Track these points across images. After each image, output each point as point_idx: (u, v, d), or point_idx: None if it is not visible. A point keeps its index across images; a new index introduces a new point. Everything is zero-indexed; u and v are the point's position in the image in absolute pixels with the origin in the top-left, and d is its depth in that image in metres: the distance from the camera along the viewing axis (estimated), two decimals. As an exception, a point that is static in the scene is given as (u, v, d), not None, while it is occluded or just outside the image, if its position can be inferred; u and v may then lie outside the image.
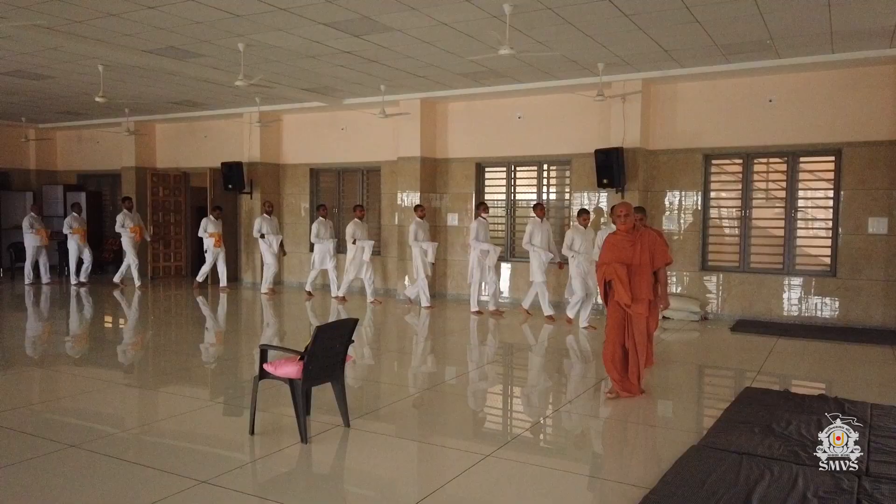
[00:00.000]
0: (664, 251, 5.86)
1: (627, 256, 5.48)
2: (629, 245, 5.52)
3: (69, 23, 7.23)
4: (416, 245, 10.55)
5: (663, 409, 5.59)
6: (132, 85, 10.68)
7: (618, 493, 3.87)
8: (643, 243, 5.51)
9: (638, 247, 5.51)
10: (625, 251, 5.51)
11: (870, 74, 8.68)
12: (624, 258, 5.48)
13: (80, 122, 14.91)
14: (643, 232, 5.62)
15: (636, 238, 5.55)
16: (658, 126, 9.97)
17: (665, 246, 5.98)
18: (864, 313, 8.87)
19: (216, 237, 12.38)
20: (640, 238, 5.55)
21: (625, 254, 5.49)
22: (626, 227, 5.57)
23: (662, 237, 6.25)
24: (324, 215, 11.59)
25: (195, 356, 7.80)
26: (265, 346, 4.74)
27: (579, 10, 6.64)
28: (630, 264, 5.48)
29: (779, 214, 9.52)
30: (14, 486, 3.79)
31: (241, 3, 6.55)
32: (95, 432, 4.69)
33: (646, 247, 5.49)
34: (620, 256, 5.49)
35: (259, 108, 12.26)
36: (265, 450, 4.45)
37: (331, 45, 8.09)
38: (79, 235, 12.86)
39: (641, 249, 5.48)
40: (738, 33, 7.46)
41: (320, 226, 11.48)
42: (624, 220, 5.58)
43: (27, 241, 13.08)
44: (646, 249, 5.48)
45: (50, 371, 6.73)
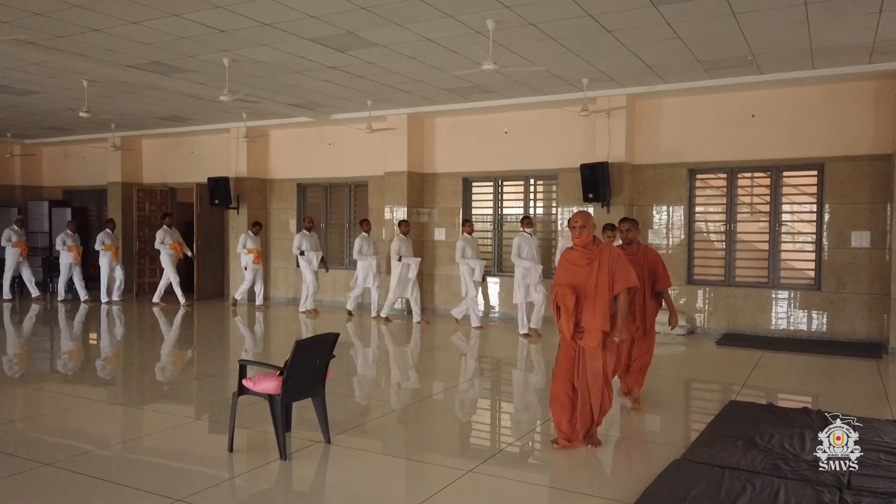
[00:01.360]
0: (665, 272, 5.70)
1: (580, 278, 4.59)
2: (584, 263, 4.63)
3: (52, 38, 7.21)
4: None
5: (647, 423, 5.56)
6: (117, 100, 10.65)
7: (599, 508, 3.83)
8: (602, 261, 4.56)
9: (595, 266, 4.58)
10: (578, 271, 4.62)
11: (851, 90, 8.79)
12: (575, 280, 4.60)
13: (66, 138, 14.85)
14: (603, 248, 4.66)
15: (594, 255, 4.62)
16: (643, 141, 10.03)
17: (664, 266, 5.77)
18: (849, 326, 8.91)
19: (255, 253, 11.99)
20: (600, 255, 4.60)
21: (577, 275, 4.61)
22: (582, 241, 4.65)
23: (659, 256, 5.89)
24: (367, 231, 10.96)
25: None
26: (244, 361, 4.68)
27: (562, 26, 6.69)
28: (581, 287, 4.57)
29: (763, 228, 9.58)
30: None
31: (226, 18, 6.56)
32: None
33: (605, 266, 4.54)
34: (572, 277, 4.63)
35: (246, 124, 12.25)
36: (244, 467, 4.39)
37: (316, 61, 8.11)
38: (111, 252, 12.57)
39: (600, 269, 4.55)
40: (719, 49, 7.54)
41: (363, 241, 10.85)
42: (579, 232, 4.65)
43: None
44: (605, 270, 4.53)
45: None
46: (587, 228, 4.66)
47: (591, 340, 4.58)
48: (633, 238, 5.68)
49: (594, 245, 4.69)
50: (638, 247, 5.71)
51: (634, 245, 5.69)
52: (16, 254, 12.86)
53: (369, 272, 10.91)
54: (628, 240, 5.69)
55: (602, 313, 4.52)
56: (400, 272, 10.46)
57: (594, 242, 4.69)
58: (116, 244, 12.91)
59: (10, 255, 12.91)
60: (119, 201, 14.44)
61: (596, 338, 4.56)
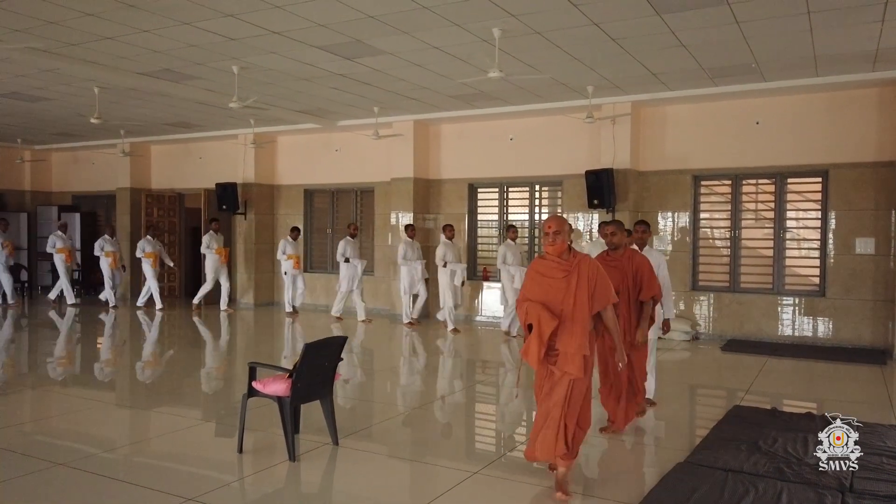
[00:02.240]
0: (650, 280, 5.04)
1: (555, 293, 3.93)
2: (560, 276, 3.93)
3: (65, 46, 7.34)
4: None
5: (652, 427, 5.60)
6: (127, 106, 10.78)
7: (604, 510, 3.88)
8: (582, 275, 3.90)
9: (574, 280, 3.90)
10: (553, 286, 3.94)
11: (854, 97, 8.84)
12: (550, 296, 3.93)
13: (76, 144, 15.00)
14: (582, 260, 3.98)
15: (571, 268, 3.94)
16: (647, 147, 10.10)
17: (651, 272, 5.11)
18: (854, 333, 8.93)
19: (295, 259, 11.76)
20: (579, 268, 3.93)
21: (553, 290, 3.94)
22: (556, 250, 3.98)
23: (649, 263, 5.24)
24: (411, 236, 10.70)
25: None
26: (254, 363, 4.76)
27: (567, 34, 6.77)
28: (557, 304, 3.91)
29: (768, 235, 9.62)
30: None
31: (236, 26, 6.66)
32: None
33: (585, 281, 3.90)
34: (546, 293, 3.94)
35: (253, 130, 12.36)
36: (253, 468, 4.45)
37: (324, 68, 8.21)
38: (151, 260, 12.50)
39: (579, 284, 3.89)
40: (723, 57, 7.61)
41: (407, 247, 10.66)
42: (552, 239, 3.97)
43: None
44: (584, 285, 3.89)
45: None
46: (562, 235, 3.98)
47: (573, 366, 3.87)
48: (620, 242, 5.08)
49: (570, 255, 4.01)
50: (624, 252, 5.11)
51: (621, 250, 5.10)
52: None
53: (414, 278, 10.74)
54: (614, 245, 5.08)
55: (582, 334, 3.88)
56: (448, 279, 10.30)
57: (570, 252, 4.03)
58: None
59: (59, 261, 12.92)
60: (128, 207, 14.57)
61: (576, 363, 3.88)
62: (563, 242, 3.99)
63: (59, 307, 12.98)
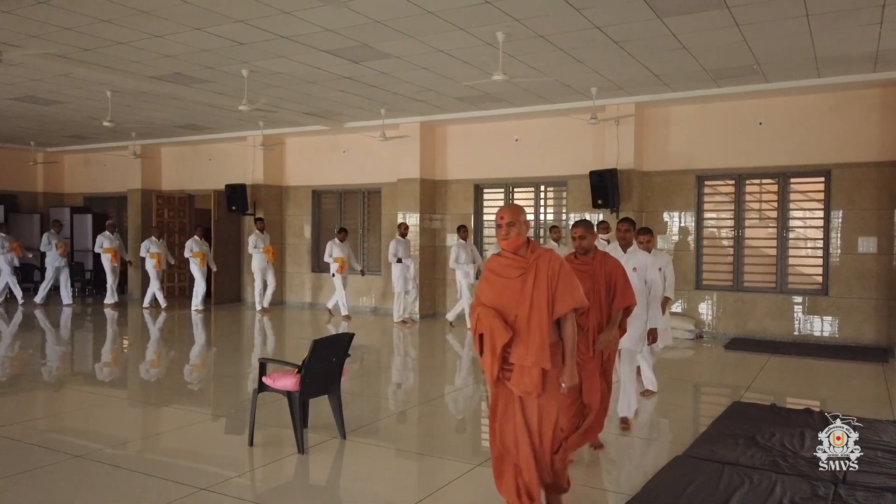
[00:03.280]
0: (623, 287, 4.44)
1: (509, 295, 3.36)
2: (515, 275, 3.38)
3: (79, 51, 7.52)
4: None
5: (653, 423, 5.72)
6: (139, 110, 10.97)
7: (602, 499, 4.01)
8: (540, 273, 3.33)
9: (530, 279, 3.34)
10: (507, 286, 3.38)
11: (856, 97, 8.91)
12: (503, 298, 3.37)
13: (88, 146, 15.24)
14: (542, 255, 3.39)
15: (528, 265, 3.37)
16: (651, 148, 10.20)
17: (625, 279, 4.51)
18: (856, 331, 9.00)
19: (341, 262, 11.43)
20: (536, 265, 3.36)
21: (506, 291, 3.38)
22: (511, 244, 3.41)
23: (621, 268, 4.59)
24: (464, 238, 10.69)
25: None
26: (264, 359, 4.90)
27: (569, 37, 6.89)
28: (511, 308, 3.35)
29: (771, 234, 9.70)
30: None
31: (245, 31, 6.82)
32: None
33: (543, 280, 3.32)
34: (499, 295, 3.39)
35: (262, 132, 12.54)
36: (263, 460, 4.60)
37: (331, 71, 8.36)
38: (199, 260, 12.43)
39: (536, 284, 3.32)
40: (725, 59, 7.71)
41: (460, 249, 10.57)
42: (506, 231, 3.41)
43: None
44: (543, 285, 3.31)
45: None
46: (517, 227, 3.39)
47: (526, 382, 3.30)
48: (589, 246, 4.52)
49: (528, 250, 3.42)
50: (594, 256, 4.53)
51: (591, 254, 4.53)
52: (108, 259, 12.97)
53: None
54: (583, 248, 4.50)
55: (539, 344, 3.27)
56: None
57: (528, 247, 3.44)
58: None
59: (106, 261, 13.04)
60: (139, 208, 14.78)
61: (532, 379, 3.29)
62: (518, 236, 3.41)
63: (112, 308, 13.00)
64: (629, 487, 4.06)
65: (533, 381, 3.30)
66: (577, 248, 4.52)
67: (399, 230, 11.10)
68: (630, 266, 5.26)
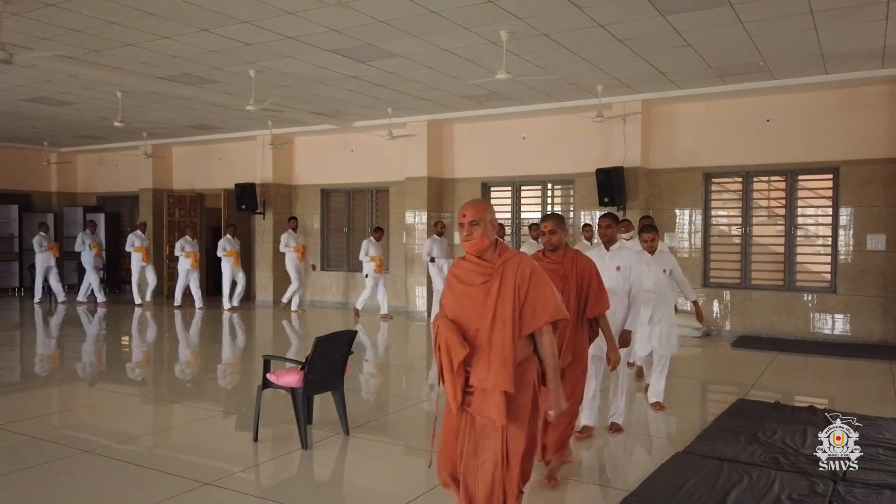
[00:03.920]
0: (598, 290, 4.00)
1: (471, 306, 2.88)
2: (478, 282, 2.89)
3: (89, 52, 7.62)
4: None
5: (656, 420, 5.73)
6: (149, 110, 11.10)
7: (600, 495, 4.04)
8: (505, 280, 2.85)
9: (495, 287, 2.85)
10: (469, 295, 2.90)
11: (864, 94, 8.86)
12: (464, 309, 2.90)
13: (100, 146, 15.41)
14: (510, 260, 2.89)
15: (494, 270, 2.88)
16: (658, 145, 10.18)
17: (599, 280, 4.04)
18: (865, 329, 8.96)
19: (378, 261, 11.35)
20: (503, 270, 2.87)
21: (468, 301, 2.89)
22: (474, 246, 2.90)
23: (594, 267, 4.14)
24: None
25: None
26: (268, 356, 4.97)
27: (573, 36, 6.91)
28: (471, 320, 2.87)
29: (779, 232, 9.67)
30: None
31: (251, 32, 6.89)
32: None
33: (509, 288, 2.83)
34: (460, 305, 2.91)
35: (271, 131, 12.63)
36: (268, 455, 4.67)
37: (338, 71, 8.42)
38: (232, 259, 12.39)
39: (501, 293, 2.84)
40: (730, 56, 7.69)
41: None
42: (468, 231, 2.89)
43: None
44: (508, 293, 2.82)
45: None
46: (481, 226, 2.88)
47: (488, 408, 2.83)
48: (558, 243, 4.03)
49: (494, 254, 2.93)
50: (565, 253, 4.06)
51: (560, 252, 4.07)
52: (138, 258, 13.06)
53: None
54: (552, 244, 4.04)
55: (501, 363, 2.79)
56: None
57: (495, 250, 2.93)
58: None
59: (136, 260, 13.13)
60: (150, 207, 14.93)
61: (494, 404, 2.81)
62: (483, 236, 2.88)
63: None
64: (628, 483, 4.09)
65: (496, 407, 2.80)
66: (546, 244, 4.07)
67: (436, 228, 11.04)
68: (613, 265, 4.80)
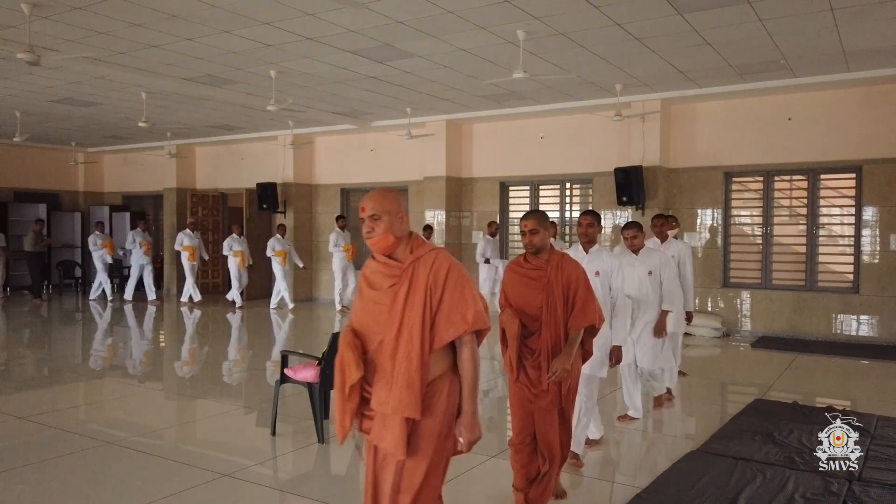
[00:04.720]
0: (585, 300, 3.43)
1: (377, 314, 2.47)
2: (386, 284, 2.49)
3: (115, 54, 7.79)
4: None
5: (672, 419, 5.73)
6: (173, 110, 11.29)
7: (614, 492, 4.06)
8: (416, 283, 2.44)
9: (403, 290, 2.43)
10: (376, 300, 2.49)
11: (887, 92, 8.73)
12: (370, 317, 2.48)
13: (126, 146, 15.71)
14: (423, 259, 2.46)
15: (403, 272, 2.47)
16: (678, 144, 10.13)
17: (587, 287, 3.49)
18: (888, 330, 8.83)
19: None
20: (413, 271, 2.45)
21: (375, 307, 2.48)
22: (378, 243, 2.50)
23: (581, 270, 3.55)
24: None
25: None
26: (286, 351, 5.06)
27: (590, 34, 6.91)
28: (375, 331, 2.45)
29: (801, 231, 9.56)
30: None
31: (272, 33, 7.00)
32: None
33: (419, 292, 2.42)
34: (366, 311, 2.50)
35: (292, 131, 12.77)
36: (285, 449, 4.76)
37: (357, 71, 8.51)
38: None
39: (409, 298, 2.42)
40: (750, 54, 7.63)
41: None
42: (368, 227, 2.50)
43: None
44: (417, 299, 2.41)
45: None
46: (384, 221, 2.46)
47: (385, 438, 2.39)
48: (541, 244, 3.49)
49: (406, 251, 2.50)
50: (550, 257, 3.52)
51: (544, 255, 3.53)
52: (186, 256, 13.16)
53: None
54: (534, 246, 3.49)
55: (405, 383, 2.35)
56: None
57: (406, 247, 2.50)
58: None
59: (184, 259, 13.24)
60: (174, 206, 15.18)
61: (391, 431, 2.38)
62: (386, 233, 2.45)
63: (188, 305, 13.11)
64: (642, 481, 4.10)
65: (393, 437, 2.34)
66: (527, 247, 3.50)
67: (489, 229, 10.86)
68: (592, 270, 4.10)
